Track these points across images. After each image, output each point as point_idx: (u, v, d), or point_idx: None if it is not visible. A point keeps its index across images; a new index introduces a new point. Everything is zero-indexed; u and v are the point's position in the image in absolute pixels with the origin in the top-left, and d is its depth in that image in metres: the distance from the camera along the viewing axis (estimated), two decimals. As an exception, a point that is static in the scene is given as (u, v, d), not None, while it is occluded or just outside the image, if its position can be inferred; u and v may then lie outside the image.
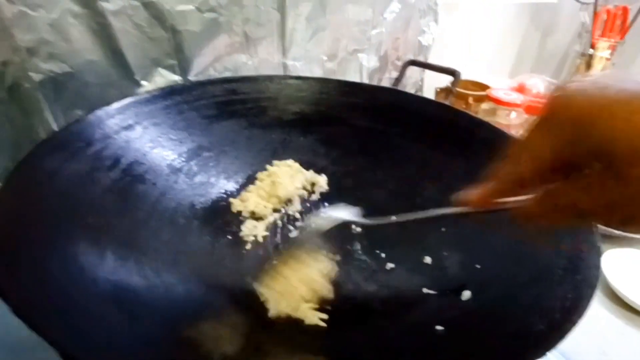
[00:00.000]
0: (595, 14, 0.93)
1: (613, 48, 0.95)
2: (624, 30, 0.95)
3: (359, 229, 0.45)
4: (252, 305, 0.34)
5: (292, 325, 0.33)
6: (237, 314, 0.33)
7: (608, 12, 0.93)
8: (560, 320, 0.23)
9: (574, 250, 0.30)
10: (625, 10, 0.94)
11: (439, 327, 0.32)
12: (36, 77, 0.43)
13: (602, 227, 0.56)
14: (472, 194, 0.24)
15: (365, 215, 0.38)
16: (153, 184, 0.42)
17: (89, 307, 0.25)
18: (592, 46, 0.94)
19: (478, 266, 0.36)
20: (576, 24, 0.98)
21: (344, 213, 0.38)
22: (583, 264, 0.28)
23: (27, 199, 0.30)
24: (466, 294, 0.33)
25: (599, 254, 0.29)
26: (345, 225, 0.45)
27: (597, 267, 0.27)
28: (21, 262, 0.25)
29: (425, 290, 0.37)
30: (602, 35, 0.95)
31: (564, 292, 0.26)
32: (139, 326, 0.27)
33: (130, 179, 0.40)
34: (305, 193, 0.49)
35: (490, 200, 0.23)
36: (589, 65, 0.96)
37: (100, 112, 0.40)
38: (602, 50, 0.94)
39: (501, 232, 0.37)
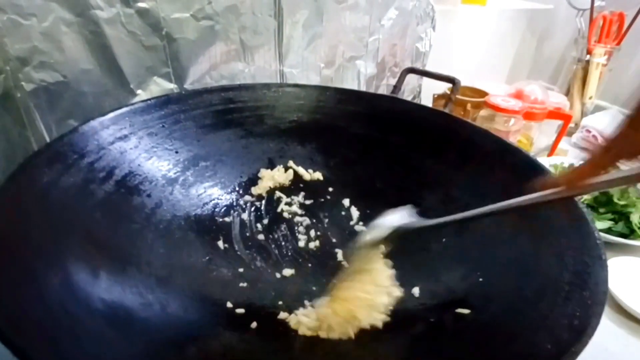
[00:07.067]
0: (592, 20, 0.93)
1: (609, 54, 0.94)
2: (620, 36, 0.95)
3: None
4: (249, 323, 0.33)
5: (288, 344, 0.32)
6: (233, 332, 0.32)
7: (604, 18, 0.93)
8: (569, 340, 0.23)
9: (579, 263, 0.29)
10: (621, 17, 0.94)
11: (441, 343, 0.31)
12: (28, 86, 0.42)
13: (603, 235, 0.55)
14: (570, 174, 0.25)
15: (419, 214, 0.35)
16: (148, 196, 0.41)
17: (81, 329, 0.24)
18: (589, 52, 0.94)
19: (481, 279, 0.35)
20: (572, 30, 0.98)
21: (395, 218, 0.34)
22: (590, 279, 0.27)
23: (17, 214, 0.29)
24: (468, 309, 0.32)
25: (605, 268, 0.28)
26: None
27: (605, 282, 0.26)
28: (9, 281, 0.24)
29: (426, 303, 0.36)
30: (599, 41, 0.95)
31: (571, 310, 0.25)
32: (133, 345, 0.26)
33: (125, 190, 0.39)
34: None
35: (588, 176, 0.24)
36: (585, 71, 0.96)
37: (95, 123, 0.39)
38: (599, 56, 0.94)
39: (503, 243, 0.37)
